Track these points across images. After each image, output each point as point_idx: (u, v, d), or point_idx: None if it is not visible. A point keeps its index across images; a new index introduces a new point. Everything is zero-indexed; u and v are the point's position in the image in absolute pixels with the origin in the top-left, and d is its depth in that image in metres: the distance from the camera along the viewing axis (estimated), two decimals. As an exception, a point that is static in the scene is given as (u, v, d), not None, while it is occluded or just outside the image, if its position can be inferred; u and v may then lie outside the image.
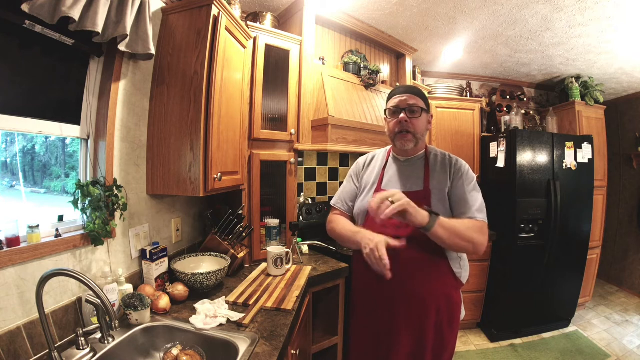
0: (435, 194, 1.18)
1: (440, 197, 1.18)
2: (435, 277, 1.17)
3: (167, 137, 1.40)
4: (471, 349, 2.56)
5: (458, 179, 1.19)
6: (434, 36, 2.50)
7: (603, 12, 2.03)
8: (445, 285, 1.18)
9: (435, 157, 1.25)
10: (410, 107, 1.18)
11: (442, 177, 1.20)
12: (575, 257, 2.85)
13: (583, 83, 3.18)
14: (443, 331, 1.17)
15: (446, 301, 1.17)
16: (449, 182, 1.19)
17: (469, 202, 1.15)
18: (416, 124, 1.19)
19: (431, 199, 1.17)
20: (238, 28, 1.55)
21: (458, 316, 1.22)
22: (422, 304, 1.15)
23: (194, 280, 1.34)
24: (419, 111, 1.19)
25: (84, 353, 0.93)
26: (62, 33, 1.02)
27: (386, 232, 1.15)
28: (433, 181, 1.20)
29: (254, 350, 0.98)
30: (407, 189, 1.20)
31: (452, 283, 1.19)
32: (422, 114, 1.20)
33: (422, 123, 1.20)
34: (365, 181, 1.35)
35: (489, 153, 2.90)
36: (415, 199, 1.12)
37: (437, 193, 1.18)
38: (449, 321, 1.18)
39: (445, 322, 1.17)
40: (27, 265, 0.91)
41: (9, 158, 1.04)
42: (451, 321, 1.19)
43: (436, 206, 1.16)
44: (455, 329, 1.22)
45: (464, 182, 1.18)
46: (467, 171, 1.21)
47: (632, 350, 2.51)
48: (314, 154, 2.50)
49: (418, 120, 1.19)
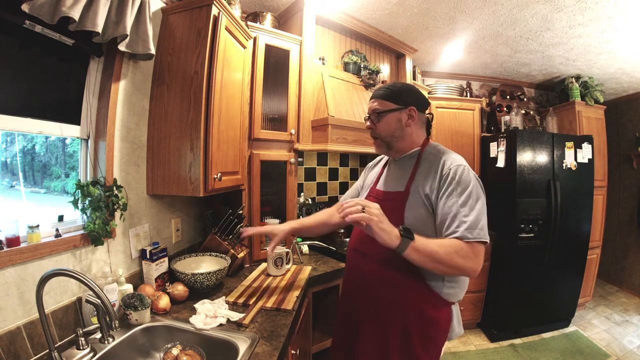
0: (413, 196, 1.06)
1: (416, 201, 1.05)
2: (404, 284, 1.05)
3: (167, 137, 1.40)
4: (471, 349, 2.56)
5: (446, 186, 1.01)
6: (434, 36, 2.50)
7: (603, 12, 2.03)
8: (417, 297, 1.05)
9: (428, 156, 1.12)
10: (373, 112, 1.15)
11: (427, 179, 1.06)
12: (575, 257, 2.85)
13: (583, 83, 3.18)
14: (414, 351, 1.04)
15: (418, 315, 1.04)
16: (436, 187, 1.03)
17: (457, 217, 0.96)
18: (380, 128, 1.14)
19: (406, 201, 1.06)
20: (238, 28, 1.55)
21: (435, 336, 1.06)
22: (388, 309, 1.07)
23: (194, 281, 1.34)
24: (377, 115, 1.13)
25: (84, 353, 0.93)
26: (62, 33, 1.02)
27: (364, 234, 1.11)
28: (416, 182, 1.08)
29: (254, 350, 0.98)
30: (392, 189, 1.16)
31: (425, 297, 1.05)
32: (387, 115, 1.12)
33: (387, 125, 1.13)
34: (368, 180, 1.35)
35: (489, 153, 2.91)
36: (395, 200, 1.10)
37: (415, 195, 1.06)
38: (421, 340, 1.05)
39: (416, 340, 1.04)
40: (27, 265, 0.91)
41: (9, 158, 1.04)
42: (424, 341, 1.05)
43: (410, 210, 1.05)
44: (432, 350, 1.07)
45: (454, 190, 0.99)
46: (459, 177, 1.00)
47: (632, 350, 2.51)
48: (314, 154, 2.50)
49: (381, 124, 1.13)
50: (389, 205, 1.05)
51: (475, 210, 0.97)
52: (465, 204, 0.97)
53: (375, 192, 1.23)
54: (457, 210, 0.97)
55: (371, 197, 1.22)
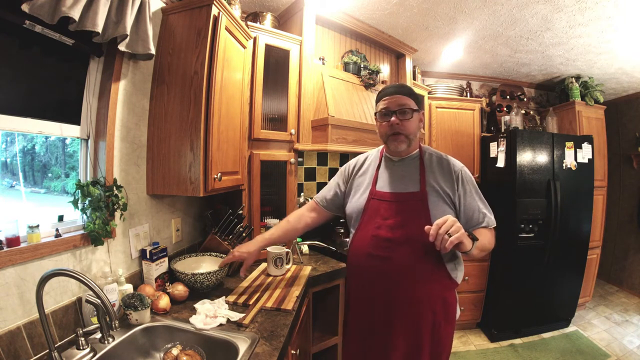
0: (432, 194, 1.15)
1: (438, 199, 1.15)
2: (430, 279, 1.14)
3: (167, 137, 1.40)
4: (471, 349, 2.56)
5: (464, 186, 1.17)
6: (434, 36, 2.50)
7: (603, 12, 2.03)
8: (441, 287, 1.16)
9: (430, 157, 1.23)
10: (401, 108, 1.15)
11: (441, 178, 1.18)
12: (575, 257, 2.85)
13: (583, 83, 3.18)
14: (440, 331, 1.16)
15: (442, 303, 1.16)
16: (455, 188, 1.17)
17: (480, 210, 1.16)
18: (408, 126, 1.16)
19: (428, 200, 1.15)
20: (238, 28, 1.55)
21: (454, 315, 1.21)
22: (418, 306, 1.13)
23: (194, 280, 1.34)
24: (410, 112, 1.16)
25: (84, 353, 0.93)
26: (62, 33, 1.02)
27: (380, 233, 1.16)
28: (430, 181, 1.17)
29: (254, 350, 0.98)
30: (402, 190, 1.18)
31: (447, 284, 1.17)
32: (413, 115, 1.17)
33: (413, 124, 1.18)
34: (357, 183, 1.33)
35: (489, 153, 2.90)
36: (412, 200, 1.15)
37: (434, 193, 1.16)
38: (445, 321, 1.17)
39: (441, 323, 1.16)
40: (27, 265, 0.91)
41: (9, 158, 1.04)
42: (447, 321, 1.18)
43: (435, 208, 1.13)
44: (451, 328, 1.21)
45: (471, 188, 1.18)
46: (469, 177, 1.20)
47: (632, 350, 2.51)
48: (314, 154, 2.50)
49: (410, 122, 1.16)
50: (407, 207, 1.15)
51: (484, 201, 1.20)
52: (480, 199, 1.19)
53: (378, 194, 1.22)
54: (477, 206, 1.17)
55: (374, 200, 1.22)
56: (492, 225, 1.18)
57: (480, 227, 1.15)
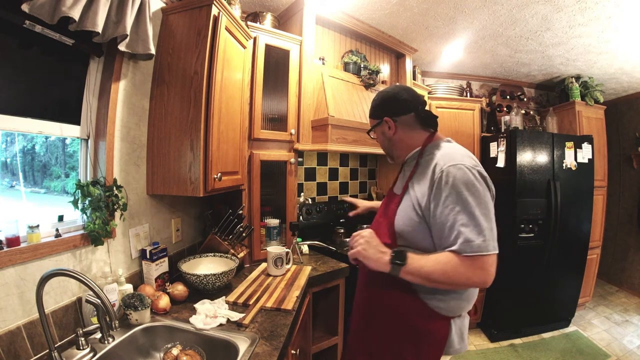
0: (406, 199, 0.99)
1: (407, 206, 0.98)
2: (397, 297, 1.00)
3: (167, 137, 1.40)
4: (471, 349, 2.56)
5: (440, 190, 0.89)
6: (434, 36, 2.50)
7: (603, 12, 2.03)
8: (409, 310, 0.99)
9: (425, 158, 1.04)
10: (368, 132, 1.20)
11: (420, 182, 0.97)
12: (575, 257, 2.85)
13: (583, 83, 3.18)
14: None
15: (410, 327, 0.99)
16: (426, 193, 0.92)
17: (455, 227, 0.84)
18: (379, 143, 1.20)
19: (398, 206, 1.01)
20: (238, 28, 1.55)
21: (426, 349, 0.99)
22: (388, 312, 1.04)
23: (205, 282, 1.34)
24: (372, 130, 1.18)
25: (84, 353, 0.93)
26: (62, 33, 1.02)
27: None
28: (410, 186, 1.01)
29: (254, 350, 0.98)
30: (396, 191, 1.15)
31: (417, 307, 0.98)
32: (374, 131, 1.17)
33: (379, 140, 1.18)
34: None
35: (489, 153, 2.90)
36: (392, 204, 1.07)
37: (407, 199, 0.99)
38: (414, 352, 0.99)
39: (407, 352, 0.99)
40: (27, 265, 0.91)
41: (9, 158, 1.04)
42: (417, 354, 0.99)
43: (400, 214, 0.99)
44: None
45: (449, 196, 0.87)
46: (454, 179, 0.88)
47: (632, 350, 2.51)
48: (314, 154, 2.50)
49: (378, 139, 1.19)
50: (386, 209, 1.09)
51: (476, 216, 0.84)
52: (464, 212, 0.84)
53: (387, 193, 1.23)
54: (454, 219, 0.85)
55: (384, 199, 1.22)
56: (470, 252, 0.82)
57: (450, 250, 0.85)
